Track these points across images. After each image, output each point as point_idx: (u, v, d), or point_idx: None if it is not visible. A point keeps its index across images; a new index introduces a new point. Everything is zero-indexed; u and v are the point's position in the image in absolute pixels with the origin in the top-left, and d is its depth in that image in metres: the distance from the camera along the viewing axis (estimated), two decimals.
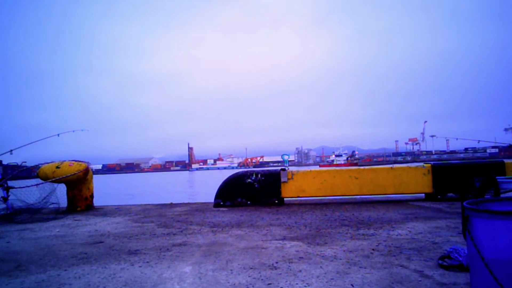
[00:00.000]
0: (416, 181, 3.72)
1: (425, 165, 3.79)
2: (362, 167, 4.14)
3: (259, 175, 3.77)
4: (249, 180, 3.76)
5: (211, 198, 3.48)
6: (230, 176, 3.81)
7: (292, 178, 3.76)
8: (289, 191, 3.77)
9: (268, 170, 3.89)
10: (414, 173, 3.74)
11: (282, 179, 3.75)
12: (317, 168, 5.07)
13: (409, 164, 4.05)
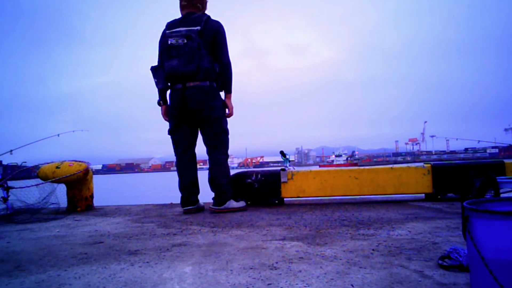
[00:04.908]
0: (416, 181, 3.71)
1: (425, 165, 3.79)
2: (362, 167, 4.14)
3: (259, 175, 3.76)
4: (249, 180, 3.75)
5: (211, 198, 3.48)
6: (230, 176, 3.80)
7: (292, 178, 3.75)
8: (289, 191, 3.77)
9: (268, 170, 3.89)
10: (414, 173, 3.73)
11: (282, 179, 3.74)
12: (317, 168, 5.06)
13: (409, 164, 4.04)
